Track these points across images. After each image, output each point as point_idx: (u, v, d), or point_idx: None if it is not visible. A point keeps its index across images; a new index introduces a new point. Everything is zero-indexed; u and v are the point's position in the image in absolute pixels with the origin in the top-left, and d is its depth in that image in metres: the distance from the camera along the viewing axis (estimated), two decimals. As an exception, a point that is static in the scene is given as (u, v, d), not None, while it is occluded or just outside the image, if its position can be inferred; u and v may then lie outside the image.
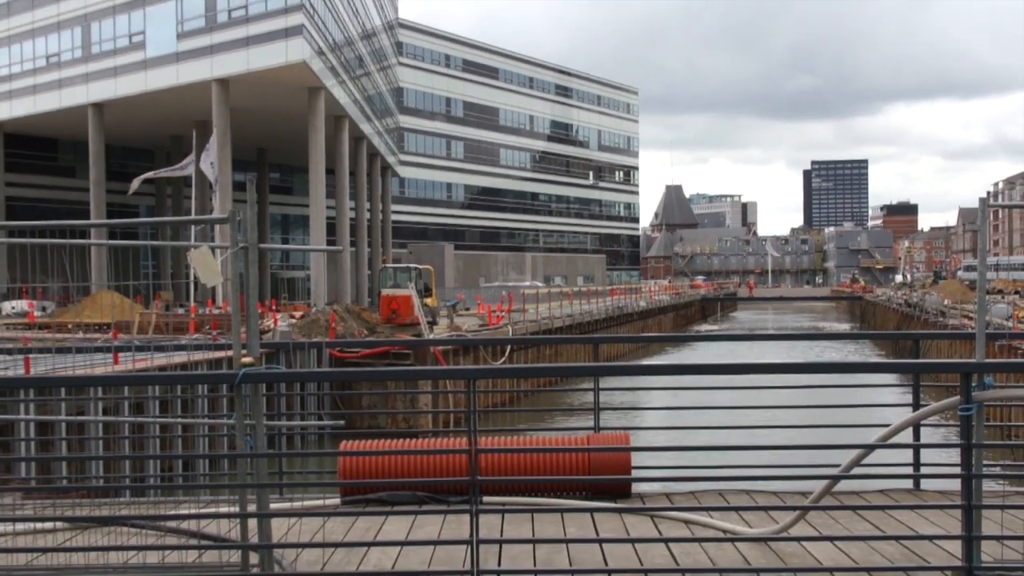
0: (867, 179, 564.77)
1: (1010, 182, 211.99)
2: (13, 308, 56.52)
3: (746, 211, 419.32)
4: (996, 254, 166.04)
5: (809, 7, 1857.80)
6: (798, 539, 8.15)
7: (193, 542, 8.17)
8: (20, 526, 8.68)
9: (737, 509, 9.32)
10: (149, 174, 58.79)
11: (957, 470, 7.23)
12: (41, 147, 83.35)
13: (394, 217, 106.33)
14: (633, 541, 8.28)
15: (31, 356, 20.48)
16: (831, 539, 8.19)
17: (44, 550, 8.03)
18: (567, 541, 8.37)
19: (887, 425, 8.36)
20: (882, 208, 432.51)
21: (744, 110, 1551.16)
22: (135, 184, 56.69)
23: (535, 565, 7.92)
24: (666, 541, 8.25)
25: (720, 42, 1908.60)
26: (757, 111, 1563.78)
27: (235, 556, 7.55)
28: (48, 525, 8.79)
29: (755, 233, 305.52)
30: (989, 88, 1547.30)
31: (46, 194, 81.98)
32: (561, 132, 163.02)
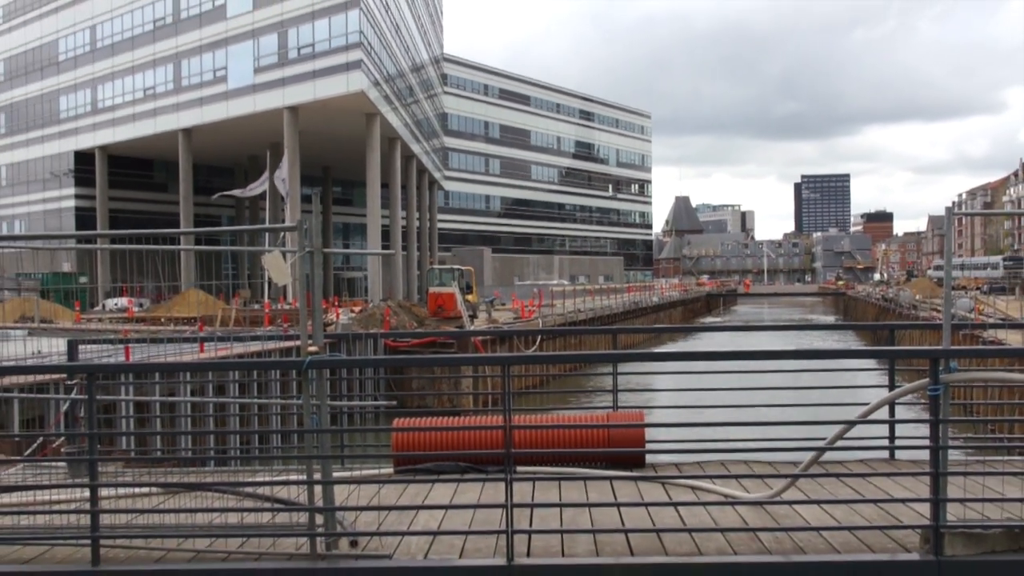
0: (849, 191, 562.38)
1: (972, 193, 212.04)
2: (115, 304, 57.00)
3: (745, 218, 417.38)
4: (960, 255, 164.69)
5: (795, 42, 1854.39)
6: (789, 503, 8.14)
7: (267, 505, 8.20)
8: (121, 491, 8.75)
9: (737, 477, 9.27)
10: (230, 192, 59.11)
11: (927, 442, 7.19)
12: (139, 167, 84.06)
13: (439, 225, 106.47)
14: (647, 505, 8.27)
15: (130, 345, 20.59)
16: (818, 502, 8.16)
17: (141, 511, 8.08)
18: (589, 505, 8.36)
19: (866, 403, 8.31)
20: (862, 216, 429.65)
21: (740, 131, 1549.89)
22: (217, 195, 57.33)
23: (562, 525, 7.91)
24: (675, 505, 8.22)
25: (719, 73, 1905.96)
26: (751, 132, 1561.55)
27: (303, 518, 7.57)
28: (144, 490, 8.85)
29: (753, 238, 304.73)
30: (951, 112, 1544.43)
31: (143, 207, 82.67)
32: (584, 151, 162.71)
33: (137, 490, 8.85)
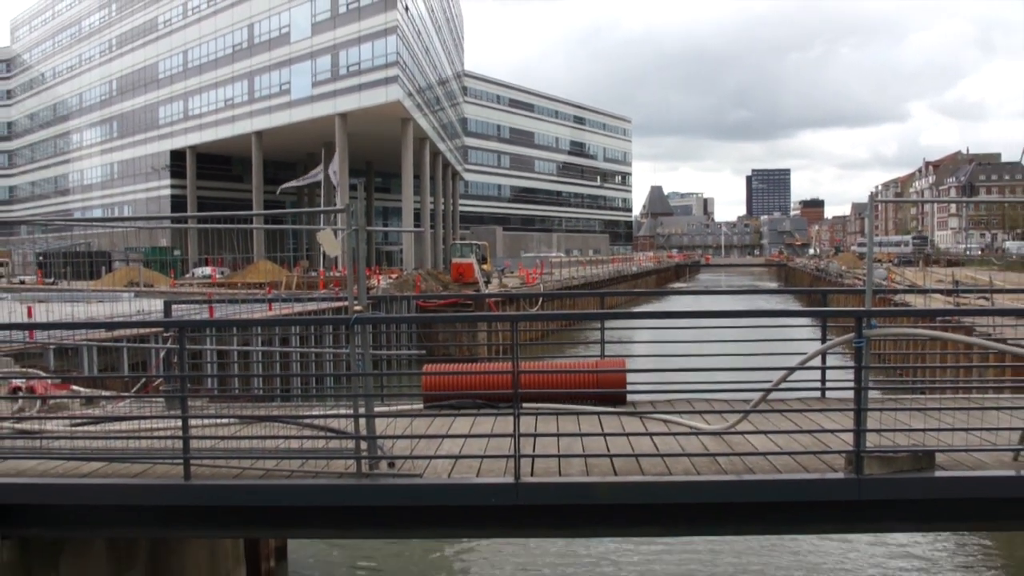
0: (790, 182, 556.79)
1: (886, 185, 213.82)
2: (202, 272, 56.99)
3: (707, 204, 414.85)
4: (878, 235, 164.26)
5: (744, 63, 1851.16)
6: (742, 433, 8.13)
7: (322, 434, 8.20)
8: (206, 421, 8.76)
9: (700, 412, 9.25)
10: (292, 183, 58.88)
11: (851, 384, 7.20)
12: (220, 162, 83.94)
13: (460, 208, 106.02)
14: (628, 435, 8.25)
15: (213, 305, 20.62)
16: (765, 432, 8.15)
17: (222, 438, 8.11)
18: (581, 435, 8.34)
19: (804, 353, 8.32)
20: (800, 202, 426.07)
21: (701, 134, 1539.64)
22: (283, 186, 57.20)
23: (559, 451, 7.90)
24: (651, 435, 8.20)
25: (683, 86, 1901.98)
26: (710, 135, 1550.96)
27: (350, 444, 7.57)
28: (225, 421, 8.87)
29: (713, 219, 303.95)
30: (867, 120, 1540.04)
31: (223, 194, 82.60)
32: (577, 149, 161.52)
33: (219, 421, 8.87)
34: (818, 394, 10.12)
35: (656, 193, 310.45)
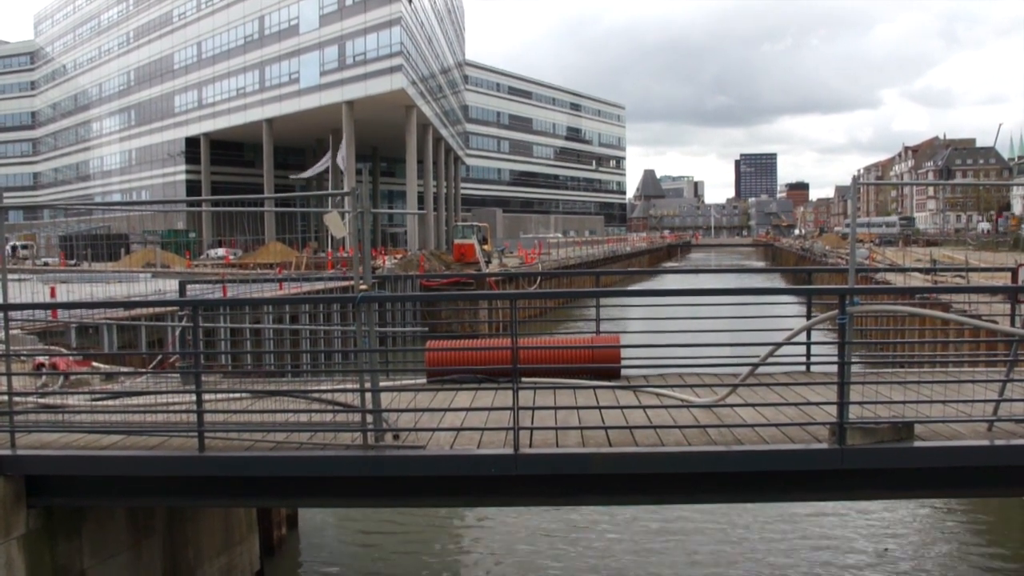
0: (776, 166, 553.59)
1: (867, 169, 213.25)
2: (216, 253, 56.92)
3: (697, 187, 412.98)
4: (860, 216, 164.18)
5: (721, 53, 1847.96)
6: (731, 405, 8.10)
7: (330, 408, 8.18)
8: (220, 396, 8.73)
9: (691, 386, 9.23)
10: (304, 175, 58.79)
11: (835, 359, 7.18)
12: (233, 148, 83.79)
13: (462, 191, 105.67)
14: (622, 408, 8.21)
15: (226, 285, 20.54)
16: (752, 405, 8.13)
17: (235, 411, 8.08)
18: (578, 408, 8.31)
19: (790, 329, 8.27)
20: (786, 185, 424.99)
21: (685, 120, 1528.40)
22: (296, 176, 57.07)
23: (556, 423, 7.87)
24: (644, 408, 8.18)
25: (665, 75, 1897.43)
26: (694, 121, 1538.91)
27: (357, 417, 7.55)
28: (237, 395, 8.84)
29: (703, 201, 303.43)
30: (842, 107, 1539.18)
31: (236, 179, 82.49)
32: (573, 134, 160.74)
33: (232, 395, 8.84)
34: (803, 368, 10.08)
35: (649, 176, 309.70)
